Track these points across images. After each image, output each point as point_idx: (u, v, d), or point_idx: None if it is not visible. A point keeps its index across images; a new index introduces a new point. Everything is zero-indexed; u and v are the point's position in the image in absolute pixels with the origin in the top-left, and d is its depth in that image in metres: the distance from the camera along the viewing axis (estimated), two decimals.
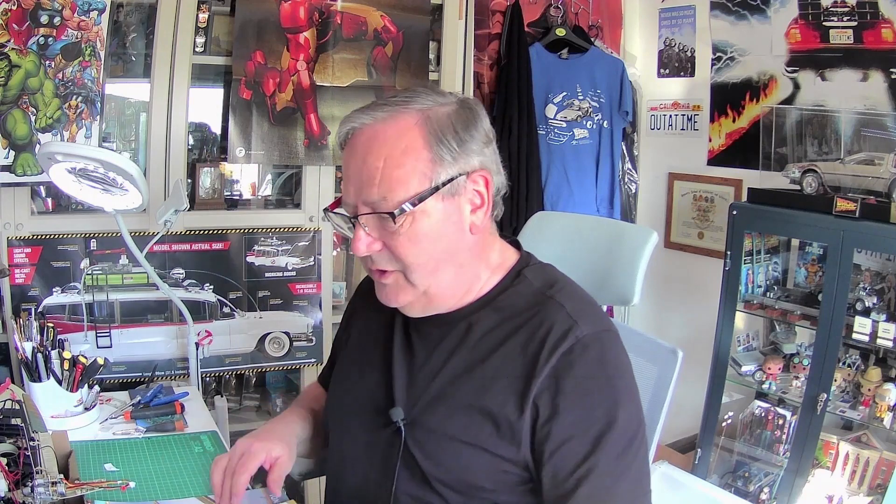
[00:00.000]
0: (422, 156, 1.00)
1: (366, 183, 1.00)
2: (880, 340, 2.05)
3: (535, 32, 3.03)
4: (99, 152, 1.69)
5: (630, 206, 3.22)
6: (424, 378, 1.07)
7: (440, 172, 1.00)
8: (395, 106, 1.03)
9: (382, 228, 1.01)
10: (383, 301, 1.09)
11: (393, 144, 1.00)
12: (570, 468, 0.97)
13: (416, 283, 1.04)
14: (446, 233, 1.03)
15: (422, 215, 1.00)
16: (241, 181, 2.65)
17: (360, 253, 1.03)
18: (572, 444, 0.97)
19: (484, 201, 1.05)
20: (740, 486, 2.40)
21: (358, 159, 1.01)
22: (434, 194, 1.00)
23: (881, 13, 2.33)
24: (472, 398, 1.02)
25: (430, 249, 1.02)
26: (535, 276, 1.10)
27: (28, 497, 1.03)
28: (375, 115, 1.03)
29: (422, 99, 1.03)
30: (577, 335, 1.00)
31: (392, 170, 0.99)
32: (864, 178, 2.12)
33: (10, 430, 1.15)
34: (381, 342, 1.15)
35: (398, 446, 1.05)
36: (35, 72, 2.08)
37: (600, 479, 0.96)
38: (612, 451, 0.97)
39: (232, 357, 2.47)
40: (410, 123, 1.01)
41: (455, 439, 1.02)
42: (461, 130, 1.02)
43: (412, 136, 1.00)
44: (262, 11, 2.37)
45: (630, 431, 0.99)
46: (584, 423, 0.97)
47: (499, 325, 1.06)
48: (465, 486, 1.02)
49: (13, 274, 2.16)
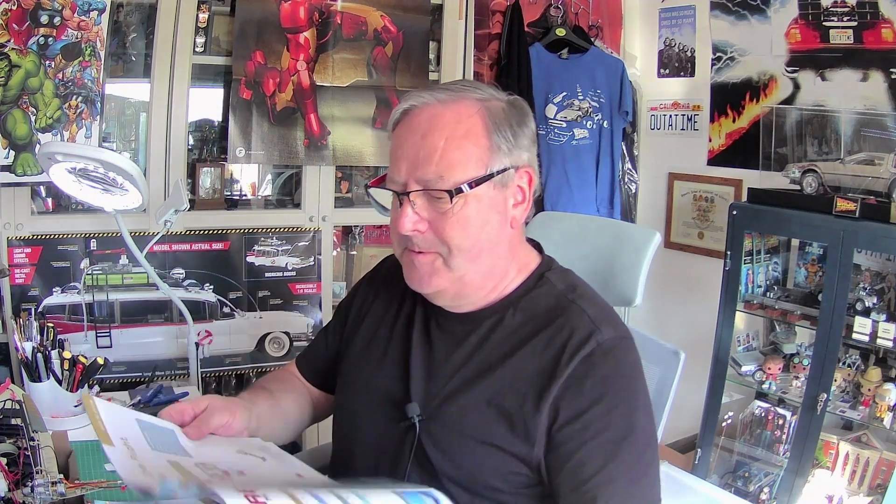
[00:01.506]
0: (481, 142, 1.02)
1: (423, 160, 1.01)
2: (880, 340, 2.05)
3: (535, 32, 3.03)
4: (99, 152, 1.68)
5: (630, 206, 3.22)
6: (443, 374, 1.07)
7: (495, 161, 1.03)
8: (457, 92, 1.05)
9: (432, 208, 1.02)
10: (413, 284, 1.07)
11: (454, 127, 1.01)
12: (589, 473, 0.97)
13: (455, 268, 1.04)
14: (492, 221, 1.04)
15: (474, 199, 1.01)
16: (241, 181, 2.65)
17: (404, 230, 1.02)
18: (592, 448, 0.97)
19: (525, 198, 1.08)
20: (740, 486, 2.40)
21: (417, 136, 1.02)
22: (488, 181, 1.02)
23: (881, 13, 2.33)
24: (489, 396, 1.02)
25: (476, 235, 1.03)
26: (558, 279, 1.11)
27: (28, 497, 1.03)
28: (437, 96, 1.04)
29: (479, 90, 1.06)
30: (598, 340, 1.01)
31: (452, 151, 1.00)
32: (864, 178, 2.12)
33: (10, 430, 1.15)
34: (400, 336, 1.14)
35: (411, 441, 1.04)
36: (35, 72, 2.08)
37: (619, 486, 0.96)
38: (630, 457, 0.97)
39: (232, 357, 2.47)
40: (472, 110, 1.03)
41: (469, 437, 1.02)
42: (515, 125, 1.05)
43: (473, 122, 1.02)
44: (262, 11, 2.37)
45: (647, 437, 1.00)
46: (604, 428, 0.98)
47: (522, 326, 1.06)
48: (474, 484, 1.02)
49: (13, 274, 2.16)
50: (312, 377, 1.31)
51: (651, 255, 1.38)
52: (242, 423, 1.06)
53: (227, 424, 1.03)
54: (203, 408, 1.02)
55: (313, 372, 1.31)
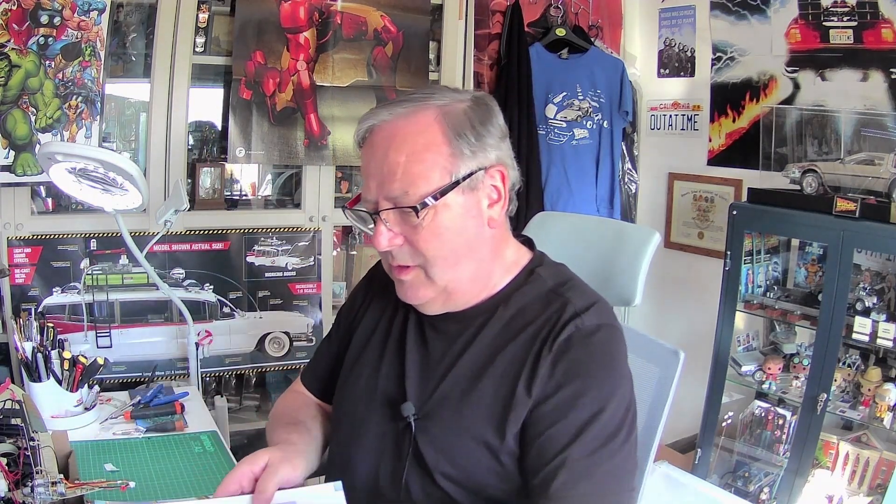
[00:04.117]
0: (442, 150, 1.02)
1: (387, 178, 1.01)
2: (880, 340, 2.05)
3: (535, 32, 3.03)
4: (99, 152, 1.68)
5: (630, 206, 3.22)
6: (438, 373, 1.08)
7: (460, 167, 1.02)
8: (414, 103, 1.04)
9: (404, 223, 1.02)
10: (404, 298, 1.09)
11: (413, 140, 1.01)
12: (552, 454, 0.97)
13: (437, 279, 1.05)
14: (467, 226, 1.04)
15: (443, 209, 1.01)
16: (241, 181, 2.65)
17: (381, 247, 1.04)
18: (558, 429, 0.97)
19: (500, 196, 1.07)
20: (740, 486, 2.40)
21: (379, 155, 1.02)
22: (455, 188, 1.02)
23: (881, 13, 2.33)
24: (482, 393, 1.03)
25: (452, 243, 1.03)
26: (548, 274, 1.11)
27: (28, 497, 1.03)
28: (394, 111, 1.04)
29: (438, 96, 1.05)
30: (578, 325, 1.02)
31: (413, 165, 1.00)
32: (864, 178, 2.12)
33: (10, 430, 1.15)
34: (396, 337, 1.15)
35: (408, 441, 1.05)
36: (35, 72, 2.08)
37: (578, 467, 0.96)
38: (594, 441, 0.97)
39: (232, 357, 2.47)
40: (430, 119, 1.03)
41: (464, 435, 1.02)
42: (478, 125, 1.04)
43: (432, 132, 1.02)
44: (262, 11, 2.37)
45: (616, 424, 0.99)
46: (570, 410, 0.98)
47: (511, 322, 1.07)
48: (471, 482, 1.02)
49: (13, 274, 2.16)
50: (321, 392, 1.31)
51: (651, 255, 1.38)
52: (302, 473, 1.06)
53: (289, 480, 1.02)
54: (262, 465, 1.01)
55: (321, 386, 1.31)
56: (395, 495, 1.06)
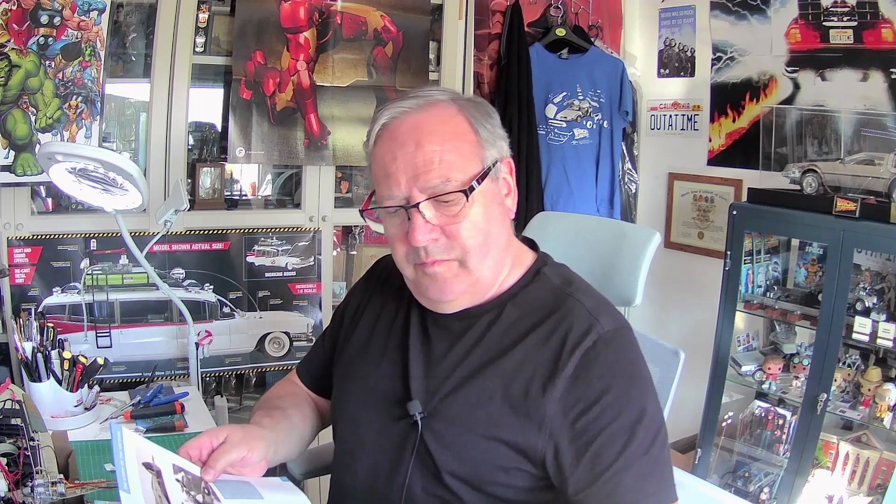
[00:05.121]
0: (471, 139, 1.02)
1: (422, 169, 1.00)
2: (880, 340, 2.05)
3: (535, 32, 3.03)
4: (99, 152, 1.68)
5: (630, 206, 3.22)
6: (443, 370, 1.07)
7: (487, 155, 1.04)
8: (424, 97, 1.04)
9: (442, 214, 1.01)
10: (434, 295, 1.06)
11: (443, 129, 1.01)
12: (608, 461, 0.96)
13: (474, 269, 1.03)
14: (496, 215, 1.05)
15: (480, 196, 1.02)
16: (241, 181, 2.65)
17: (419, 242, 1.00)
18: (609, 435, 0.97)
19: (510, 188, 1.08)
20: (740, 486, 2.40)
21: (409, 146, 1.01)
22: (488, 175, 1.02)
23: (881, 13, 2.33)
24: (492, 390, 1.02)
25: (486, 231, 1.03)
26: (554, 274, 1.12)
27: (28, 497, 1.03)
28: (411, 104, 1.04)
29: (442, 92, 1.06)
30: (599, 332, 1.01)
31: (449, 153, 1.00)
32: (864, 178, 2.12)
33: (10, 430, 1.15)
34: (398, 335, 1.14)
35: (413, 439, 1.04)
36: (35, 72, 2.08)
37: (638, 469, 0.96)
38: (646, 439, 0.97)
39: (232, 357, 2.47)
40: (452, 110, 1.03)
41: (472, 431, 1.02)
42: (487, 117, 1.06)
43: (458, 121, 1.03)
44: (262, 11, 2.37)
45: (657, 421, 1.00)
46: (617, 414, 0.97)
47: (520, 321, 1.06)
48: (478, 479, 1.02)
49: (13, 274, 2.16)
50: (313, 385, 1.31)
51: (651, 255, 1.38)
52: (260, 455, 1.03)
53: (244, 460, 1.01)
54: (221, 440, 1.00)
55: (314, 380, 1.31)
56: (395, 494, 1.05)
